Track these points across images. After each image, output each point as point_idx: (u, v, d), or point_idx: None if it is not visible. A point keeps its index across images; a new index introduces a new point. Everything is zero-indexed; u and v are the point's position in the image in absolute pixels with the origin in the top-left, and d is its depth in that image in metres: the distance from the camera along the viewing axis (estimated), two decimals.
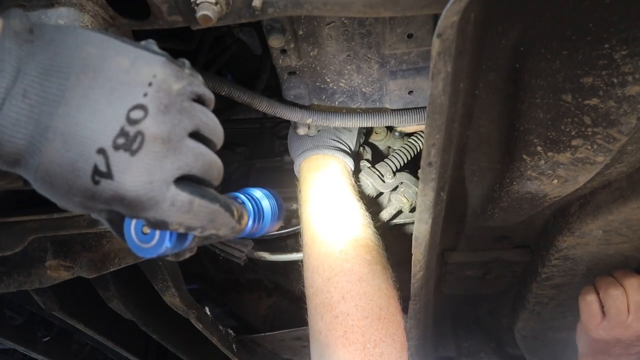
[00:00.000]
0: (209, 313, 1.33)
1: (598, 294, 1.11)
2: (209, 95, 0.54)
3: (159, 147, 0.47)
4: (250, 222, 0.66)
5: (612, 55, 0.63)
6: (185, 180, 0.50)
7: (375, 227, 1.11)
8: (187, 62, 0.53)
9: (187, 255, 0.59)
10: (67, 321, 1.25)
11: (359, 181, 1.14)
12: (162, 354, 1.74)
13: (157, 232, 0.54)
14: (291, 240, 1.35)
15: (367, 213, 1.00)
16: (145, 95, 0.47)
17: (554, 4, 0.63)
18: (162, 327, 1.40)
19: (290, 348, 1.70)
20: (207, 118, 0.52)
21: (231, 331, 1.49)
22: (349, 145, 1.11)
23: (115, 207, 0.48)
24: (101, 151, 0.45)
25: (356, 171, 1.15)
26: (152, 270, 1.06)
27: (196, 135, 0.51)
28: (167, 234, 0.54)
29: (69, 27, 0.52)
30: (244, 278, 1.72)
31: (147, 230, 0.54)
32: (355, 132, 1.13)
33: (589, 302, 1.12)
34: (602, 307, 1.11)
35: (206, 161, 0.52)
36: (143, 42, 0.51)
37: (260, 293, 1.79)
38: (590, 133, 0.73)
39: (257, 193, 0.71)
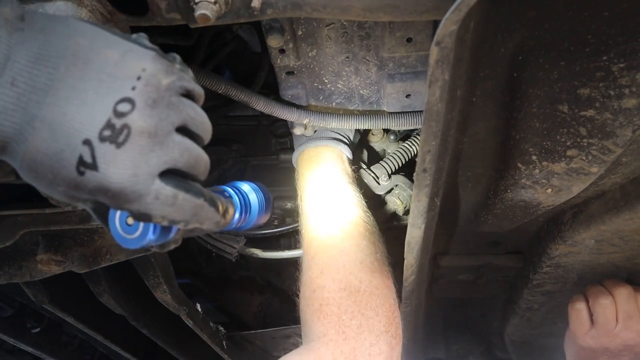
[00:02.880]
0: (200, 310, 1.33)
1: (588, 302, 1.12)
2: (199, 90, 0.54)
3: (145, 141, 0.47)
4: (237, 215, 0.67)
5: (609, 67, 0.64)
6: (171, 174, 0.50)
7: None
8: (177, 56, 0.52)
9: (172, 246, 0.59)
10: (57, 314, 1.25)
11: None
12: (152, 349, 1.74)
13: (141, 224, 0.54)
14: (284, 238, 1.35)
15: (359, 195, 0.99)
16: (133, 88, 0.47)
17: (554, 14, 0.63)
18: (152, 322, 1.39)
19: (280, 346, 1.70)
20: (195, 113, 0.52)
21: (222, 328, 1.49)
22: (346, 135, 1.10)
23: (99, 198, 0.48)
24: (87, 142, 0.45)
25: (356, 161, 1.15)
26: (144, 267, 1.06)
27: (183, 130, 0.51)
28: (151, 226, 0.54)
29: (60, 17, 0.52)
30: (236, 275, 1.72)
31: (131, 221, 0.55)
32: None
33: (578, 310, 1.13)
34: (591, 315, 1.11)
35: (192, 156, 0.52)
36: (134, 35, 0.51)
37: (252, 290, 1.79)
38: (585, 144, 0.73)
39: (245, 187, 0.72)
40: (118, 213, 0.55)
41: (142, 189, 0.47)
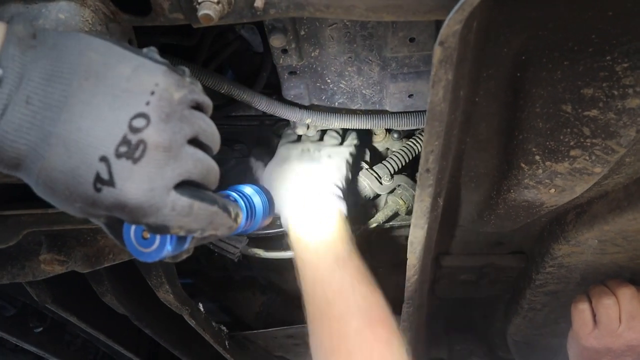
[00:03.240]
0: (202, 309, 1.33)
1: (591, 302, 1.12)
2: (208, 102, 0.55)
3: (161, 155, 0.48)
4: (244, 219, 0.68)
5: (613, 67, 0.63)
6: (184, 185, 0.51)
7: (371, 229, 1.11)
8: (187, 70, 0.54)
9: (185, 256, 0.60)
10: (60, 314, 1.25)
11: (357, 185, 1.14)
12: (155, 348, 1.74)
13: (158, 237, 0.55)
14: (286, 238, 1.35)
15: (366, 268, 0.89)
16: (147, 104, 0.47)
17: (557, 14, 0.63)
18: (155, 322, 1.39)
19: (282, 346, 1.71)
20: (205, 125, 0.54)
21: (224, 327, 1.49)
22: (342, 187, 1.01)
23: (115, 213, 0.48)
24: (104, 159, 0.46)
25: (353, 178, 1.12)
26: (147, 267, 1.06)
27: (195, 142, 0.52)
28: (168, 237, 0.55)
29: (71, 33, 0.52)
30: (238, 275, 1.72)
31: (147, 235, 0.55)
32: (344, 168, 1.04)
33: (581, 310, 1.12)
34: (594, 315, 1.11)
35: (204, 166, 0.53)
36: (145, 50, 0.52)
37: (254, 290, 1.79)
38: (589, 144, 0.73)
39: (248, 190, 0.72)
40: (133, 228, 0.55)
41: (158, 202, 0.48)
